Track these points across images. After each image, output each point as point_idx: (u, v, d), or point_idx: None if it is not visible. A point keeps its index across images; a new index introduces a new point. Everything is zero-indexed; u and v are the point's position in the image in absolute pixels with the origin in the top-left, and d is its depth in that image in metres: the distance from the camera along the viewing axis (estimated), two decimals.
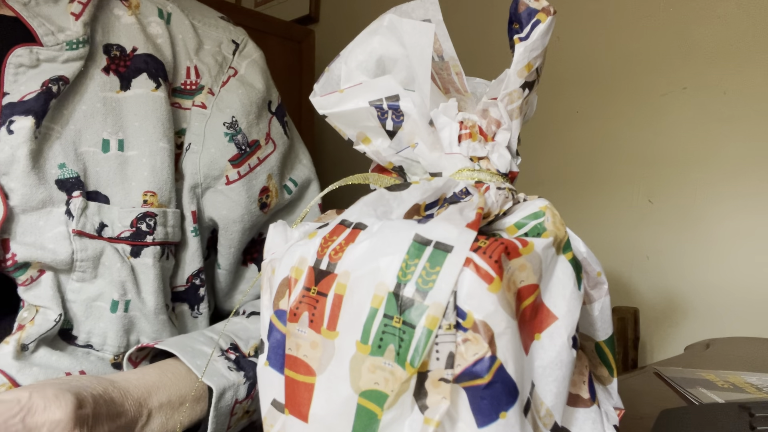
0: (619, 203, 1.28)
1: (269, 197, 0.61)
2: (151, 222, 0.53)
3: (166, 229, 0.54)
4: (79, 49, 0.51)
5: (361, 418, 0.24)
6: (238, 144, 0.58)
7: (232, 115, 0.58)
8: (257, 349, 0.52)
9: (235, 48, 0.61)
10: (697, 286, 1.17)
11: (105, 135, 0.52)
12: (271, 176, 0.61)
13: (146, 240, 0.53)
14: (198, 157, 0.56)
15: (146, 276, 0.53)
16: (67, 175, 0.50)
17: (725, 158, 1.14)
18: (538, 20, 0.29)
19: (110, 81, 0.53)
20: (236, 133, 0.58)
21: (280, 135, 0.62)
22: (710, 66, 1.15)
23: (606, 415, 0.31)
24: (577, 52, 1.34)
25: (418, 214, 0.28)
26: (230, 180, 0.58)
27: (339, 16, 1.94)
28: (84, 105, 0.52)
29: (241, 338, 0.53)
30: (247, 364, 0.51)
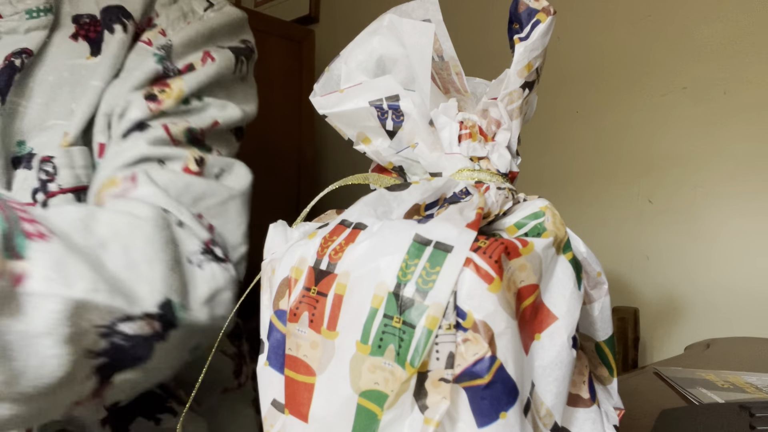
0: (619, 203, 1.28)
1: (164, 93, 0.50)
2: (47, 167, 0.46)
3: (74, 171, 0.47)
4: (41, 18, 0.48)
5: (361, 418, 0.24)
6: (167, 67, 0.51)
7: (168, 40, 0.52)
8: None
9: (208, 6, 0.56)
10: (697, 286, 1.17)
11: (73, 105, 0.49)
12: (183, 80, 0.51)
13: (50, 189, 0.46)
14: (121, 83, 0.50)
15: None
16: (23, 152, 0.47)
17: (725, 158, 1.13)
18: (538, 20, 0.29)
19: (79, 47, 0.50)
20: (167, 56, 0.51)
21: (226, 58, 0.54)
22: (710, 66, 1.15)
23: (606, 415, 0.31)
24: (577, 52, 1.34)
25: (418, 214, 0.28)
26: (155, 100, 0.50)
27: (339, 16, 1.94)
28: (50, 76, 0.48)
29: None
30: None
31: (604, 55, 1.31)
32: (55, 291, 0.29)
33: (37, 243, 0.30)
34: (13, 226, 0.30)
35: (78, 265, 0.31)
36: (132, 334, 0.35)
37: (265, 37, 1.67)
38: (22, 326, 0.29)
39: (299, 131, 1.72)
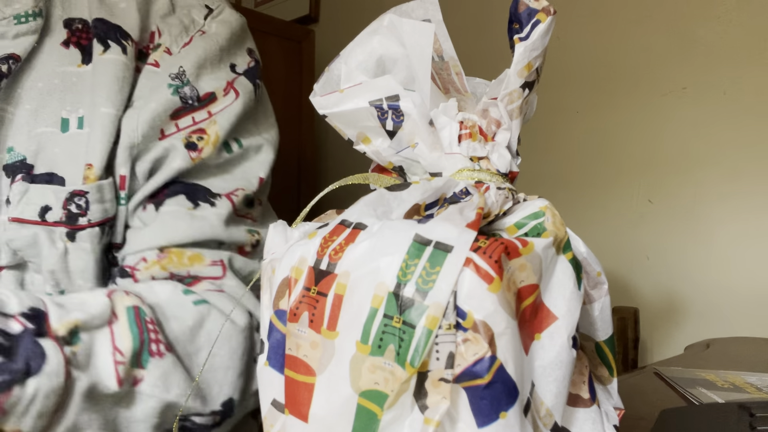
0: (619, 203, 1.28)
1: (203, 140, 0.51)
2: (80, 202, 0.46)
3: (104, 206, 0.47)
4: (30, 23, 0.47)
5: (361, 418, 0.24)
6: (184, 97, 0.50)
7: (180, 66, 0.51)
8: (77, 329, 0.37)
9: (208, 12, 0.55)
10: (697, 286, 1.17)
11: (64, 113, 0.48)
12: (216, 122, 0.51)
13: (80, 222, 0.46)
14: (137, 114, 0.49)
15: (84, 263, 0.47)
16: (14, 159, 0.46)
17: (725, 158, 1.13)
18: (538, 20, 0.29)
19: (70, 54, 0.49)
20: (182, 84, 0.50)
21: (247, 90, 0.53)
22: (710, 66, 1.15)
23: (606, 415, 0.31)
24: (577, 52, 1.34)
25: (418, 214, 0.28)
26: (165, 134, 0.50)
27: (339, 16, 1.94)
28: (40, 82, 0.48)
29: (62, 307, 0.39)
30: (32, 348, 0.35)
31: (604, 55, 1.31)
32: (157, 394, 0.40)
33: (155, 359, 0.41)
34: (143, 346, 0.40)
35: (177, 376, 0.41)
36: (199, 423, 0.45)
37: (265, 37, 1.67)
38: (129, 413, 0.40)
39: (299, 131, 1.72)
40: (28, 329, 0.36)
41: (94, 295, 0.42)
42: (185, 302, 0.46)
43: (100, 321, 0.40)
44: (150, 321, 0.42)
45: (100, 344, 0.39)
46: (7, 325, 0.35)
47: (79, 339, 0.38)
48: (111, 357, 0.38)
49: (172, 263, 0.49)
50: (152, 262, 0.49)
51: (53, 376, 0.35)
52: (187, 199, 0.52)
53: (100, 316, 0.40)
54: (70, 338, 0.37)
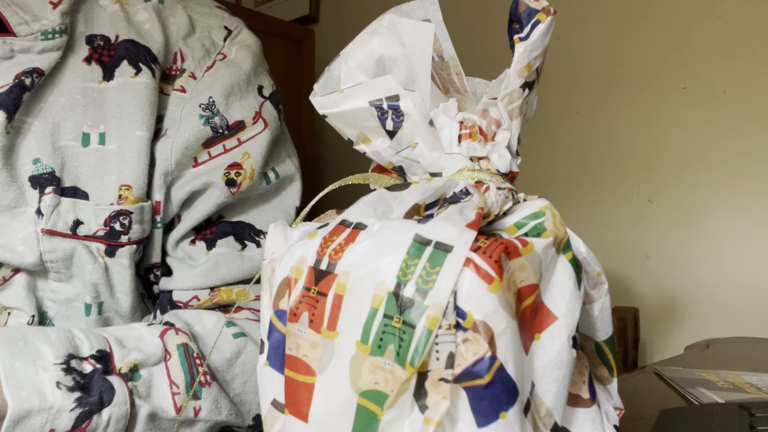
0: (619, 203, 1.28)
1: (240, 175, 0.53)
2: (125, 221, 0.49)
3: (143, 226, 0.51)
4: (56, 39, 0.48)
5: (361, 418, 0.24)
6: (215, 127, 0.52)
7: (209, 96, 0.53)
8: (137, 367, 0.44)
9: (227, 34, 0.57)
10: (697, 286, 1.17)
11: (85, 128, 0.49)
12: (249, 155, 0.54)
13: (121, 240, 0.49)
14: (171, 143, 0.51)
15: (121, 276, 0.50)
16: (41, 170, 0.47)
17: (725, 158, 1.13)
18: (538, 20, 0.29)
19: (92, 71, 0.50)
20: (213, 114, 0.52)
21: (273, 118, 0.56)
22: (710, 66, 1.15)
23: (606, 415, 0.31)
24: (576, 52, 1.34)
25: (418, 214, 0.28)
26: (198, 162, 0.53)
27: (339, 16, 1.94)
28: (63, 97, 0.49)
29: (123, 346, 0.45)
30: (102, 384, 0.42)
31: (604, 55, 1.31)
32: (213, 417, 0.47)
33: (206, 389, 0.47)
34: (194, 378, 0.47)
35: (223, 399, 0.48)
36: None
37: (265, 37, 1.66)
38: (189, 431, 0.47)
39: (299, 131, 1.72)
40: (97, 369, 0.42)
41: (150, 333, 0.47)
42: (227, 335, 0.52)
43: (156, 359, 0.46)
44: (196, 356, 0.48)
45: (158, 379, 0.45)
46: (83, 366, 0.42)
47: (139, 375, 0.45)
48: (168, 389, 0.46)
49: (221, 299, 0.55)
50: (204, 300, 0.54)
51: (121, 404, 0.42)
52: (236, 240, 0.56)
53: (155, 355, 0.46)
54: (131, 375, 0.44)
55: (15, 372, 0.38)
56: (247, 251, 0.56)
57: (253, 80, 0.56)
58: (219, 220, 0.56)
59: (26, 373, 0.39)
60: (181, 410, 0.46)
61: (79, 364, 0.42)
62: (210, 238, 0.56)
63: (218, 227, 0.56)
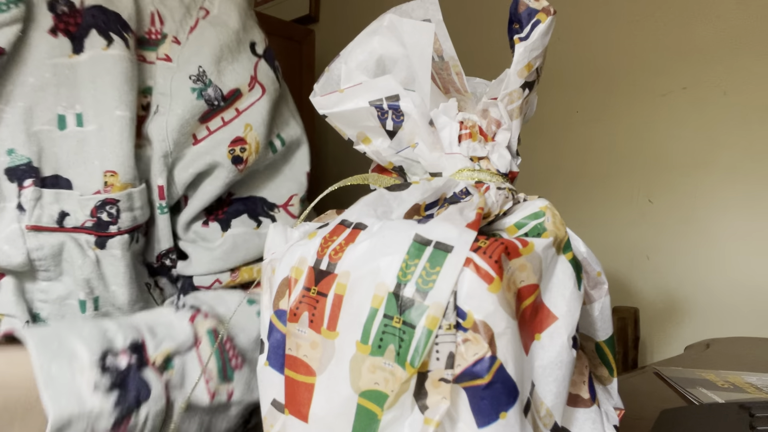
0: (619, 203, 1.28)
1: (245, 151, 0.50)
2: (112, 210, 0.46)
3: (133, 213, 0.47)
4: (11, 11, 0.42)
5: (361, 418, 0.24)
6: (209, 99, 0.48)
7: (198, 65, 0.48)
8: (170, 356, 0.43)
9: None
10: (697, 286, 1.17)
11: (60, 110, 0.45)
12: (251, 127, 0.50)
13: (110, 230, 0.46)
14: (165, 121, 0.47)
15: (115, 268, 0.47)
16: (18, 161, 0.43)
17: (725, 158, 1.14)
18: (538, 20, 0.29)
19: (60, 44, 0.45)
20: (205, 86, 0.48)
21: (271, 80, 0.51)
22: (710, 66, 1.15)
23: (606, 415, 0.31)
24: (577, 52, 1.34)
25: (418, 214, 0.28)
26: (198, 139, 0.49)
27: (339, 16, 1.94)
28: (31, 77, 0.44)
29: (155, 334, 0.44)
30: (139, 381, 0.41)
31: (604, 55, 1.31)
32: (246, 399, 0.47)
33: (237, 371, 0.46)
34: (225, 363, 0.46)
35: (255, 380, 0.47)
36: None
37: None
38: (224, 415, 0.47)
39: None
40: (132, 364, 0.41)
41: (179, 319, 0.46)
42: (251, 314, 0.50)
43: (187, 347, 0.44)
44: (226, 340, 0.47)
45: (190, 367, 0.44)
46: (118, 362, 0.41)
47: (173, 365, 0.43)
48: (201, 376, 0.45)
49: (242, 279, 0.53)
50: (227, 282, 0.53)
51: (158, 400, 0.41)
52: (250, 218, 0.53)
53: (186, 341, 0.45)
54: (165, 365, 0.43)
55: (53, 378, 0.37)
56: (263, 228, 0.54)
57: (243, 37, 0.51)
58: (230, 198, 0.53)
59: (64, 378, 0.37)
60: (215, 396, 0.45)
61: (114, 360, 0.40)
62: (223, 218, 0.52)
63: (230, 207, 0.53)
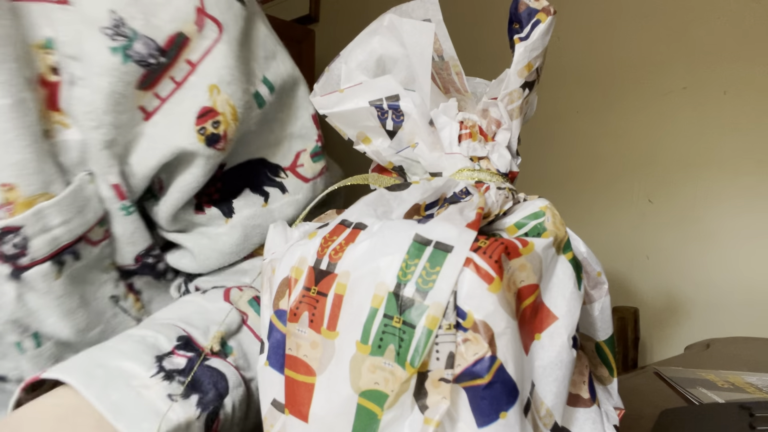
0: (619, 203, 1.28)
1: (219, 124, 0.38)
2: (16, 240, 0.34)
3: (51, 234, 0.35)
4: None
5: (361, 418, 0.24)
6: (142, 58, 0.35)
7: (109, 10, 0.34)
8: (224, 339, 0.38)
9: None
10: (697, 285, 1.17)
11: None
12: (218, 89, 0.37)
13: (20, 263, 0.35)
14: (90, 99, 0.35)
15: (45, 302, 0.37)
16: None
17: (725, 158, 1.14)
18: (538, 20, 0.29)
19: None
20: (129, 40, 0.34)
21: (227, 7, 0.38)
22: (710, 66, 1.15)
23: (606, 415, 0.31)
24: (577, 51, 1.34)
25: (418, 214, 0.28)
26: (149, 111, 0.37)
27: (339, 16, 1.94)
28: None
29: (196, 325, 0.37)
30: (210, 374, 0.35)
31: (604, 55, 1.31)
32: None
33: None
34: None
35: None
36: None
37: None
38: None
39: None
40: (192, 358, 0.35)
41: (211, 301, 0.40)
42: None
43: (236, 325, 0.39)
44: None
45: (248, 344, 0.39)
46: (176, 363, 0.35)
47: (231, 348, 0.38)
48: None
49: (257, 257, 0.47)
50: None
51: (238, 386, 0.37)
52: (253, 192, 0.43)
53: (233, 320, 0.39)
54: (224, 350, 0.38)
55: (118, 406, 0.31)
56: (273, 202, 0.43)
57: None
58: (220, 171, 0.42)
59: (130, 401, 0.31)
60: None
61: (171, 363, 0.34)
62: (220, 199, 0.43)
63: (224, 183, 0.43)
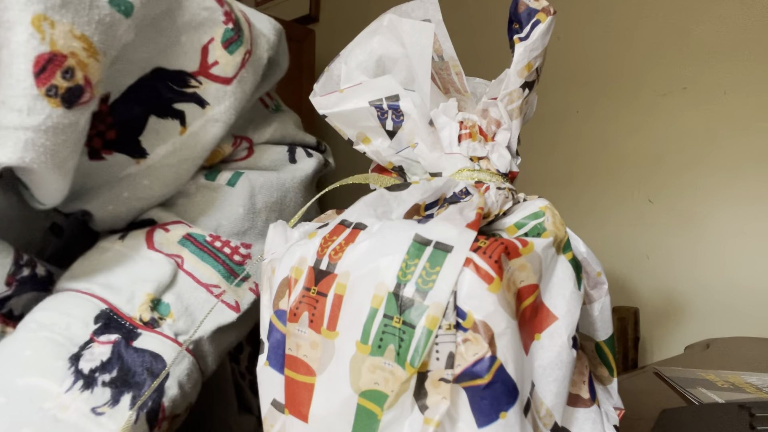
0: (619, 203, 1.28)
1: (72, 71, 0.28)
2: None
3: None
4: None
5: (361, 418, 0.24)
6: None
7: None
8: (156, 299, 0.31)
9: None
10: (697, 286, 1.17)
11: None
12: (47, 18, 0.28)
13: None
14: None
15: None
16: None
17: (725, 158, 1.14)
18: (538, 20, 0.29)
19: None
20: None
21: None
22: (710, 66, 1.15)
23: (606, 415, 0.31)
24: (577, 51, 1.34)
25: (418, 214, 0.28)
26: None
27: (339, 16, 1.94)
28: None
29: (117, 287, 0.31)
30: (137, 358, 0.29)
31: (605, 55, 1.31)
32: None
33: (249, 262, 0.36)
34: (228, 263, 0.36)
35: None
36: None
37: None
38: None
39: None
40: (118, 342, 0.30)
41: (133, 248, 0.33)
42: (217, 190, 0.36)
43: (169, 274, 0.33)
44: (211, 238, 0.34)
45: (189, 294, 0.33)
46: (98, 354, 0.29)
47: (167, 306, 0.32)
48: (209, 295, 0.33)
49: None
50: None
51: (181, 362, 0.30)
52: (161, 117, 0.34)
53: (163, 271, 0.32)
54: (158, 313, 0.31)
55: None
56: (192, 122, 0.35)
57: None
58: (105, 104, 0.32)
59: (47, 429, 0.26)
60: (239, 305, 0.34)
61: (90, 359, 0.28)
62: (118, 139, 0.33)
63: (115, 116, 0.32)
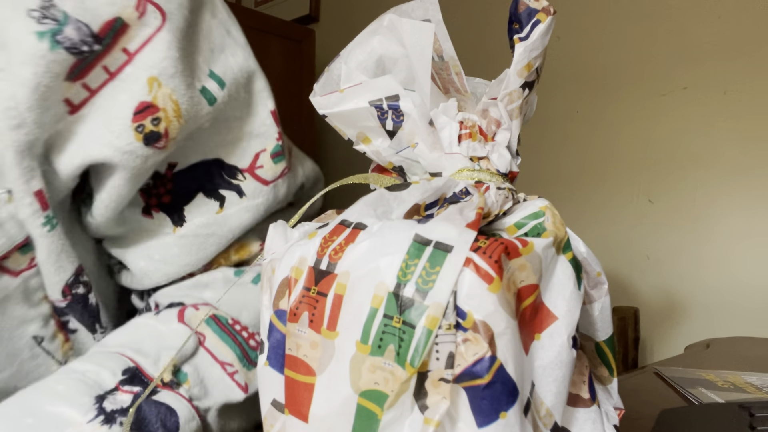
0: (619, 203, 1.28)
1: (159, 121, 0.34)
2: None
3: None
4: None
5: (361, 418, 0.24)
6: (73, 45, 0.31)
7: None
8: (177, 366, 0.36)
9: None
10: (697, 286, 1.17)
11: None
12: (158, 81, 0.33)
13: None
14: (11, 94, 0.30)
15: None
16: None
17: (725, 158, 1.14)
18: (538, 20, 0.29)
19: None
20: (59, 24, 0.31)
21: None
22: (710, 66, 1.15)
23: (606, 415, 0.31)
24: (577, 52, 1.34)
25: (418, 214, 0.28)
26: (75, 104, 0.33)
27: (339, 16, 1.94)
28: None
29: (146, 353, 0.35)
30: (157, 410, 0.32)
31: (604, 55, 1.31)
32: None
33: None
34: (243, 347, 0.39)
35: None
36: None
37: (265, 37, 1.67)
38: None
39: (299, 131, 1.72)
40: (137, 394, 0.33)
41: (164, 322, 0.37)
42: (245, 285, 0.40)
43: (191, 348, 0.37)
44: (233, 322, 0.39)
45: (205, 368, 0.37)
46: (119, 401, 0.32)
47: (185, 375, 0.36)
48: (223, 373, 0.37)
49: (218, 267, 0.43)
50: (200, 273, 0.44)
51: (190, 422, 0.34)
52: (207, 196, 0.40)
53: (187, 344, 0.37)
54: (177, 379, 0.35)
55: None
56: (229, 207, 0.40)
57: None
58: (170, 171, 0.38)
59: None
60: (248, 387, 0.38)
61: (113, 402, 0.32)
62: (170, 203, 0.39)
63: (175, 183, 0.38)
